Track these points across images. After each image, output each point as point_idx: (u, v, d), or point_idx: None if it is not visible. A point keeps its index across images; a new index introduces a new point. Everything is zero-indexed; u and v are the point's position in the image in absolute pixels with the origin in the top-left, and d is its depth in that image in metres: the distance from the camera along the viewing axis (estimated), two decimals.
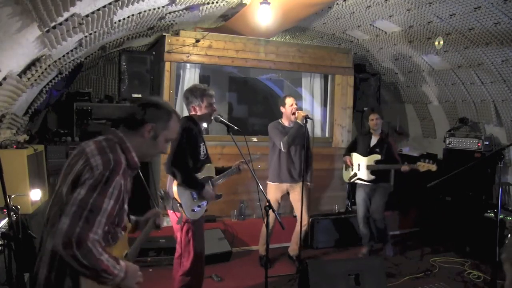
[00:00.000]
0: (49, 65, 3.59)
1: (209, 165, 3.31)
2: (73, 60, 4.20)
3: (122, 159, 1.70)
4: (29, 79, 3.37)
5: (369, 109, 5.82)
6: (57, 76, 4.34)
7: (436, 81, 5.62)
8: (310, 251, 5.06)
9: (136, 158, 1.79)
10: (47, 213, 1.72)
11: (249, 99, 7.67)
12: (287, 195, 4.59)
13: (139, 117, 1.80)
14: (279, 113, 4.61)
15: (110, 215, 1.61)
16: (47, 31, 2.77)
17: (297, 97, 4.67)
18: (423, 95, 6.11)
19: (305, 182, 4.39)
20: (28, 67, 3.31)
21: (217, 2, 4.33)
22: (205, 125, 3.35)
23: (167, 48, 4.93)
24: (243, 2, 4.44)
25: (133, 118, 1.81)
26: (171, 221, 3.22)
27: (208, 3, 4.29)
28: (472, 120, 5.44)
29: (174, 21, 4.68)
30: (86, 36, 3.60)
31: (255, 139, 5.50)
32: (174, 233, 3.26)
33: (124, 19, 3.81)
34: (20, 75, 3.25)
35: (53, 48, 3.12)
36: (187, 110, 3.29)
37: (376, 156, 4.76)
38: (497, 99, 4.91)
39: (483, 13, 3.89)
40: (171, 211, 3.11)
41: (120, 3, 3.20)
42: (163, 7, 3.94)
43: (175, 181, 3.08)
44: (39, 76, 3.53)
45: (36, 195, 3.36)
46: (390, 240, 5.04)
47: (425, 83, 5.86)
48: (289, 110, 4.42)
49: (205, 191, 3.15)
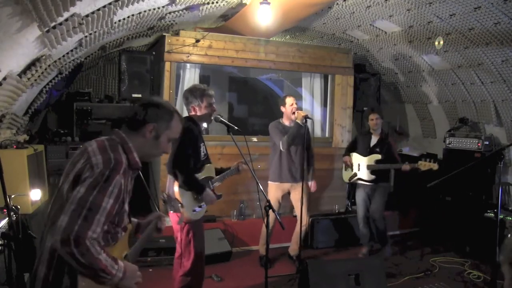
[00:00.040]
0: (49, 65, 3.59)
1: (209, 166, 3.31)
2: (73, 60, 4.20)
3: (123, 158, 1.70)
4: (29, 79, 3.37)
5: (369, 109, 5.81)
6: (57, 76, 4.34)
7: (436, 81, 5.62)
8: (310, 251, 5.06)
9: (138, 158, 1.79)
10: (48, 211, 1.72)
11: (249, 99, 7.67)
12: (287, 195, 4.59)
13: (140, 117, 1.80)
14: (279, 113, 4.62)
15: (109, 214, 1.61)
16: (47, 31, 2.77)
17: (297, 97, 4.69)
18: (423, 95, 6.11)
19: (306, 181, 4.40)
20: (28, 67, 3.31)
21: (217, 2, 4.33)
22: (205, 125, 3.35)
23: (167, 48, 4.93)
24: (243, 2, 4.44)
25: (134, 119, 1.81)
26: (172, 221, 3.22)
27: (208, 3, 4.29)
28: (472, 120, 5.43)
29: (174, 21, 4.68)
30: (86, 36, 3.60)
31: (255, 139, 5.49)
32: (174, 233, 3.26)
33: (124, 19, 3.81)
34: (20, 75, 3.25)
35: (53, 48, 3.12)
36: (186, 110, 3.29)
37: (377, 156, 4.76)
38: (497, 99, 4.91)
39: (483, 13, 3.89)
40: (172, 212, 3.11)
41: (120, 3, 3.20)
42: (163, 7, 3.94)
43: (176, 182, 3.09)
44: (39, 76, 3.52)
45: (36, 195, 3.36)
46: (390, 240, 5.03)
47: (425, 83, 5.86)
48: (289, 110, 4.43)
49: (205, 194, 3.15)
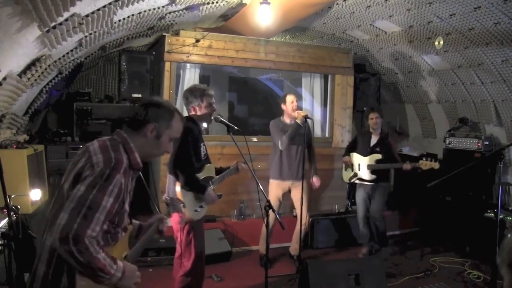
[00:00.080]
0: (49, 65, 3.59)
1: (209, 166, 3.30)
2: (73, 60, 4.20)
3: (124, 158, 1.71)
4: (29, 79, 3.37)
5: (368, 108, 5.82)
6: (57, 76, 4.34)
7: (436, 81, 5.62)
8: (310, 251, 5.06)
9: (139, 158, 1.79)
10: (49, 211, 1.72)
11: (249, 99, 7.67)
12: (288, 193, 4.60)
13: (141, 117, 1.80)
14: (279, 113, 4.63)
15: (109, 213, 1.61)
16: (47, 31, 2.76)
17: (297, 97, 4.70)
18: (423, 95, 6.10)
19: (307, 179, 4.45)
20: (28, 67, 3.31)
21: (217, 2, 4.33)
22: (205, 125, 3.35)
23: (167, 48, 4.93)
24: (243, 2, 4.44)
25: (135, 119, 1.81)
26: (172, 221, 3.22)
27: (208, 3, 4.29)
28: (472, 120, 5.43)
29: (174, 21, 4.68)
30: (86, 36, 3.60)
31: (255, 139, 5.49)
32: (174, 234, 3.26)
33: (124, 19, 3.81)
34: (20, 75, 3.25)
35: (53, 48, 3.12)
36: (186, 110, 3.29)
37: (377, 156, 4.76)
38: (497, 99, 4.91)
39: (483, 13, 3.89)
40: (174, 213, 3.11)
41: (120, 3, 3.20)
42: (163, 7, 3.93)
43: (177, 182, 3.09)
44: (39, 76, 3.52)
45: (36, 195, 3.35)
46: (389, 241, 5.03)
47: (425, 83, 5.86)
48: (289, 108, 4.46)
49: (206, 194, 3.15)
